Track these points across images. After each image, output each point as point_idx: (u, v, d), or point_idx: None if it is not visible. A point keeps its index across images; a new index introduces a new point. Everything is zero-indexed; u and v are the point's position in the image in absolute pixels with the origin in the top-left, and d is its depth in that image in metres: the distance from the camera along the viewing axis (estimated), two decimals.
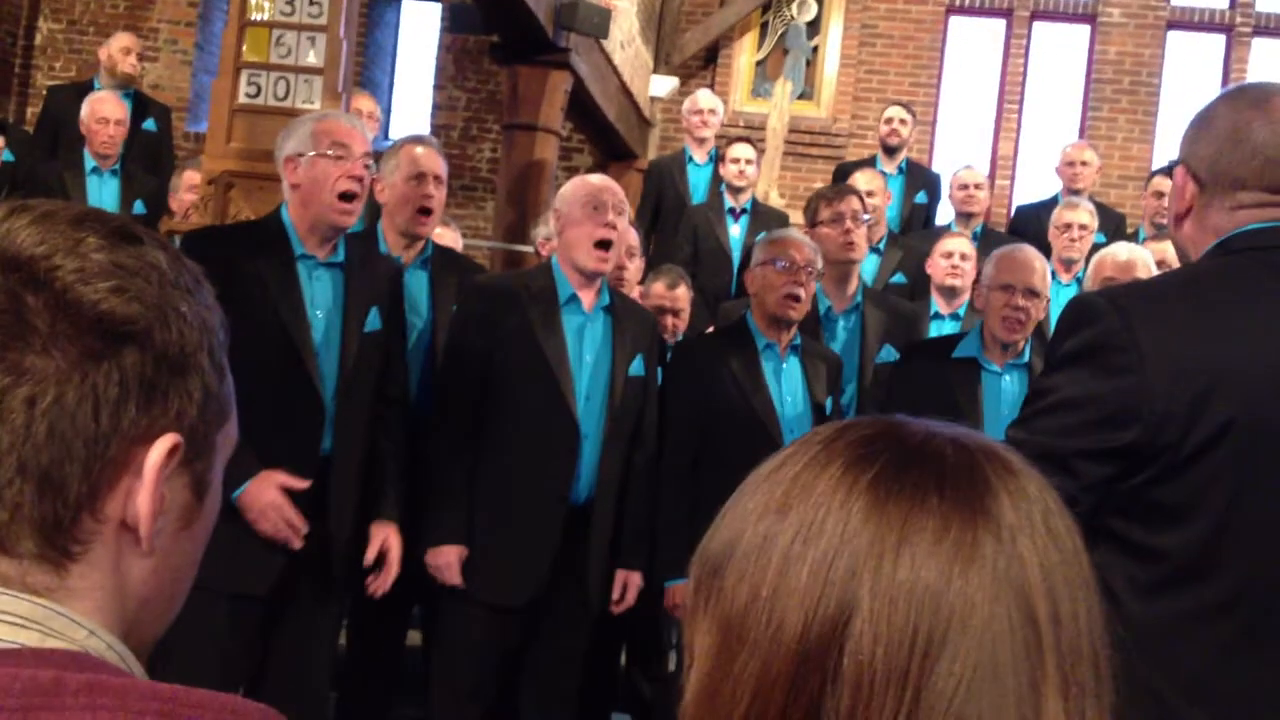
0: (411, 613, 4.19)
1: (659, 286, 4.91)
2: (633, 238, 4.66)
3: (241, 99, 4.73)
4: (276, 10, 4.75)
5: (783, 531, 0.79)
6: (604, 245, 3.61)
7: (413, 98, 11.10)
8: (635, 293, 4.98)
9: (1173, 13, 9.83)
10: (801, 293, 3.87)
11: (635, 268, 4.78)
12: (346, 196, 3.33)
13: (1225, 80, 9.74)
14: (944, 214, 7.28)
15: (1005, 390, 3.90)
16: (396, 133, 10.46)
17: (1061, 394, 1.84)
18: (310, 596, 3.38)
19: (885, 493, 0.78)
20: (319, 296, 3.38)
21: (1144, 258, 4.22)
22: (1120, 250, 4.33)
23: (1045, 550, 0.77)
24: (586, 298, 3.66)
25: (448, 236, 4.87)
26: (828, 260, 4.38)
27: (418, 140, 4.04)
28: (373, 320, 3.46)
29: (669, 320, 4.82)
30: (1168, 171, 1.74)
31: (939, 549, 0.76)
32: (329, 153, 3.33)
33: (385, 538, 3.46)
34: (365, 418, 3.45)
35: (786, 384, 3.91)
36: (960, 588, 0.75)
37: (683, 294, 4.94)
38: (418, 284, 3.92)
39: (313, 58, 4.69)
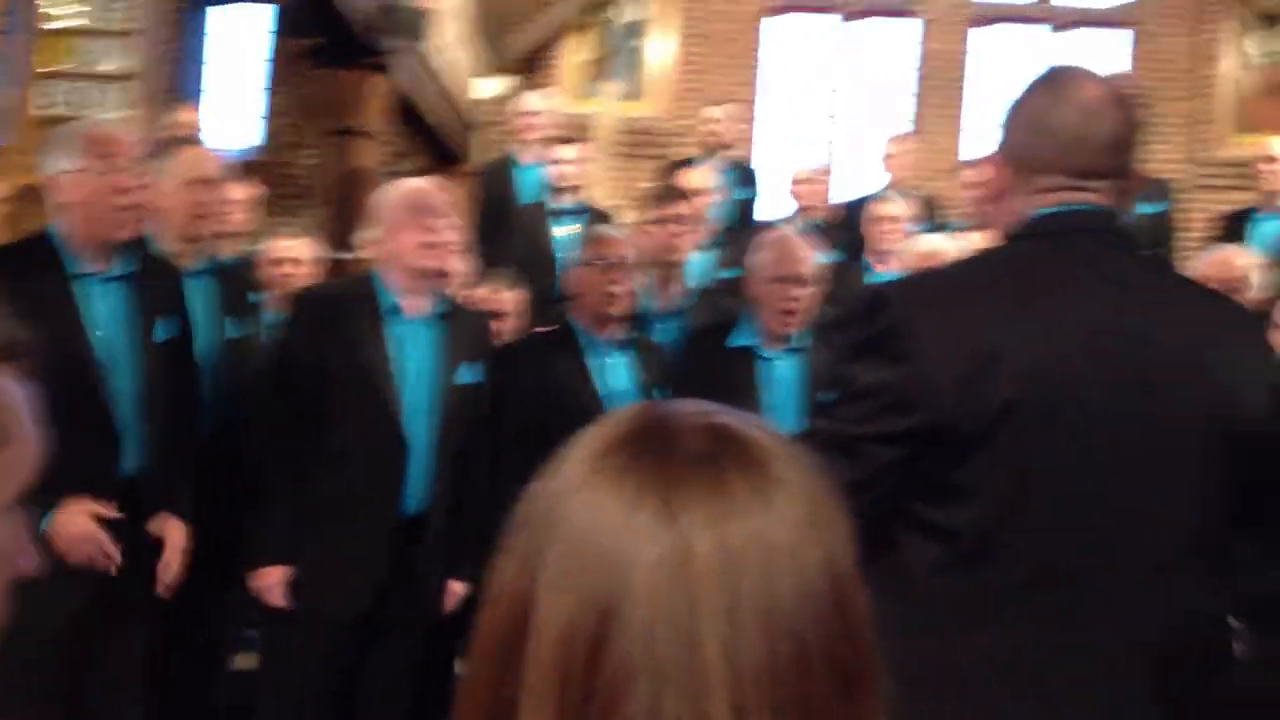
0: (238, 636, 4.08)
1: (484, 291, 4.87)
2: (459, 241, 4.62)
3: (35, 110, 4.55)
4: (75, 17, 4.58)
5: (531, 514, 0.81)
6: (430, 248, 3.55)
7: (239, 104, 10.80)
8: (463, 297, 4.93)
9: (983, 8, 10.13)
10: (618, 290, 3.88)
11: (462, 271, 4.73)
12: (121, 207, 3.20)
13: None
14: (769, 210, 7.38)
15: (780, 377, 3.96)
16: (219, 141, 10.17)
17: (855, 383, 1.89)
18: (120, 622, 3.28)
19: (605, 473, 0.79)
20: (102, 313, 3.25)
21: (950, 247, 4.35)
22: (923, 242, 4.47)
23: (756, 542, 0.76)
24: (412, 304, 3.59)
25: (301, 249, 4.79)
26: (653, 261, 4.41)
27: (192, 143, 3.93)
28: (164, 330, 3.36)
29: (494, 324, 4.77)
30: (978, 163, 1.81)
31: (627, 523, 0.76)
32: (97, 164, 3.19)
33: (169, 532, 3.38)
34: (174, 432, 3.35)
35: (614, 379, 3.91)
36: (629, 560, 0.75)
37: (509, 297, 4.90)
38: (196, 292, 3.81)
39: (114, 64, 4.53)
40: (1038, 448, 1.78)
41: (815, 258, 4.07)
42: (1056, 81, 1.96)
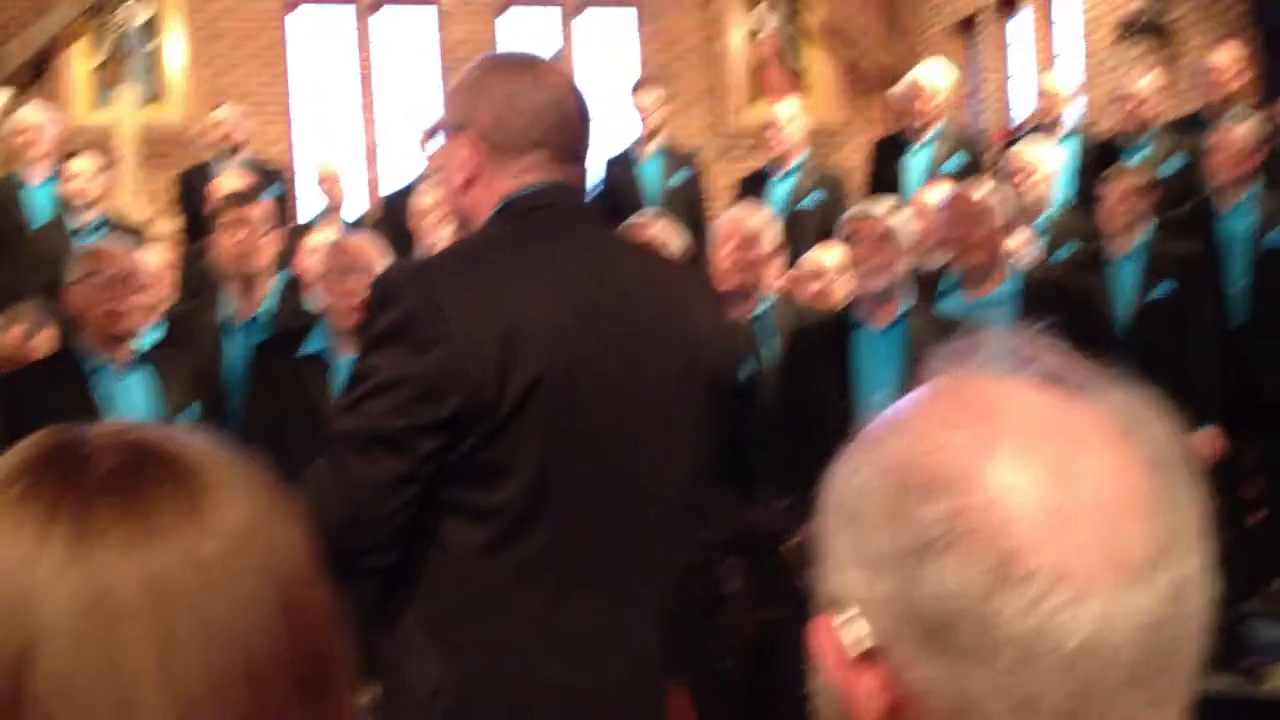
0: None
1: (15, 334, 4.48)
2: None
3: None
4: None
5: None
6: None
7: None
8: None
9: None
10: (123, 306, 3.64)
11: None
12: None
13: (565, 53, 10.40)
14: (309, 209, 7.24)
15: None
16: None
17: (382, 375, 1.84)
18: None
19: (6, 505, 0.72)
20: None
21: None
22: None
23: (185, 562, 0.72)
24: None
25: None
26: (233, 271, 4.32)
27: None
28: None
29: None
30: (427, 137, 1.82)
31: (37, 557, 0.70)
32: None
33: None
34: None
35: (130, 401, 3.65)
36: (40, 597, 0.69)
37: (16, 334, 4.53)
38: None
39: None
40: (557, 420, 1.83)
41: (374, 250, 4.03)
42: (523, 65, 2.03)
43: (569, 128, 1.99)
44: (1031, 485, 0.72)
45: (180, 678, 0.69)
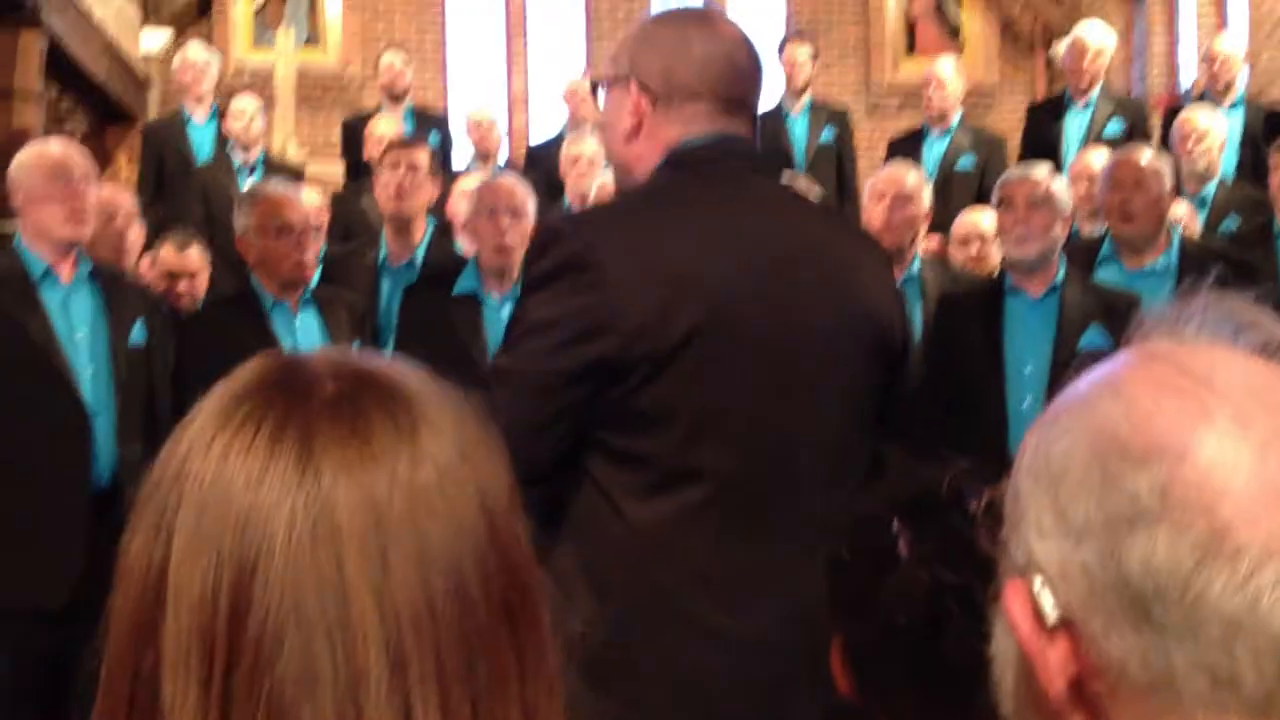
0: None
1: (167, 250, 4.63)
2: (124, 202, 4.38)
3: None
4: None
5: (160, 477, 0.77)
6: (72, 216, 3.40)
7: None
8: (142, 263, 4.69)
9: None
10: (309, 256, 3.76)
11: (135, 235, 4.49)
12: None
13: (712, 4, 10.32)
14: (460, 157, 7.31)
15: (505, 321, 3.97)
16: None
17: (535, 316, 1.87)
18: None
19: (236, 424, 0.76)
20: None
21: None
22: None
23: (402, 486, 0.75)
24: (64, 271, 3.44)
25: None
26: (391, 213, 4.41)
27: None
28: None
29: (184, 285, 4.55)
30: (593, 90, 1.82)
31: (263, 475, 0.73)
32: None
33: None
34: None
35: (304, 339, 3.79)
36: (266, 513, 0.72)
37: (195, 255, 4.68)
38: None
39: None
40: (719, 368, 1.84)
41: (529, 193, 4.08)
42: (695, 16, 2.03)
43: (738, 78, 1.97)
44: (1245, 459, 0.70)
45: (394, 596, 0.73)
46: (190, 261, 4.64)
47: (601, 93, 2.06)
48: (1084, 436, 0.75)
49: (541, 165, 6.54)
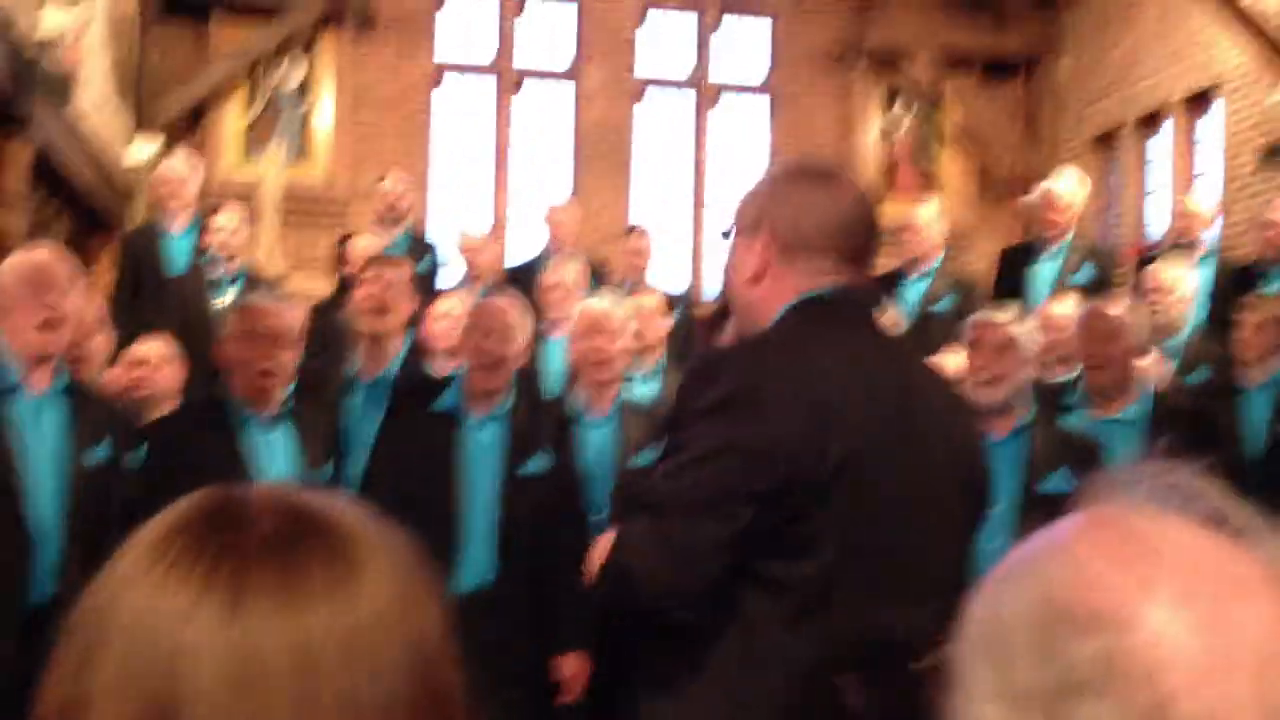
0: None
1: (134, 346, 4.64)
2: (91, 309, 4.37)
3: None
4: None
5: (87, 612, 0.75)
6: (49, 326, 3.37)
7: None
8: (111, 370, 4.67)
9: (645, 75, 10.48)
10: (272, 364, 3.73)
11: (101, 343, 4.48)
12: None
13: (698, 137, 10.52)
14: (449, 277, 7.34)
15: (484, 442, 3.95)
16: None
17: (709, 443, 1.95)
18: None
19: (167, 561, 0.74)
20: None
21: (617, 310, 4.49)
22: (595, 303, 4.60)
23: (334, 631, 0.73)
24: (37, 382, 3.39)
25: None
26: (366, 328, 4.41)
27: None
28: None
29: (144, 371, 4.57)
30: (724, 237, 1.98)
31: (192, 612, 0.71)
32: None
33: None
34: None
35: (272, 456, 3.74)
36: (193, 653, 0.70)
37: (159, 347, 4.69)
38: None
39: None
40: (863, 501, 1.94)
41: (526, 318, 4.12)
42: (821, 174, 2.20)
43: (858, 235, 2.12)
44: (1189, 631, 0.70)
45: None
46: (153, 350, 4.63)
47: (729, 239, 2.20)
48: (1030, 600, 0.74)
49: (519, 286, 6.57)
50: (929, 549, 2.02)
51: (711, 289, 9.02)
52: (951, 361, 5.00)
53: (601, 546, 2.05)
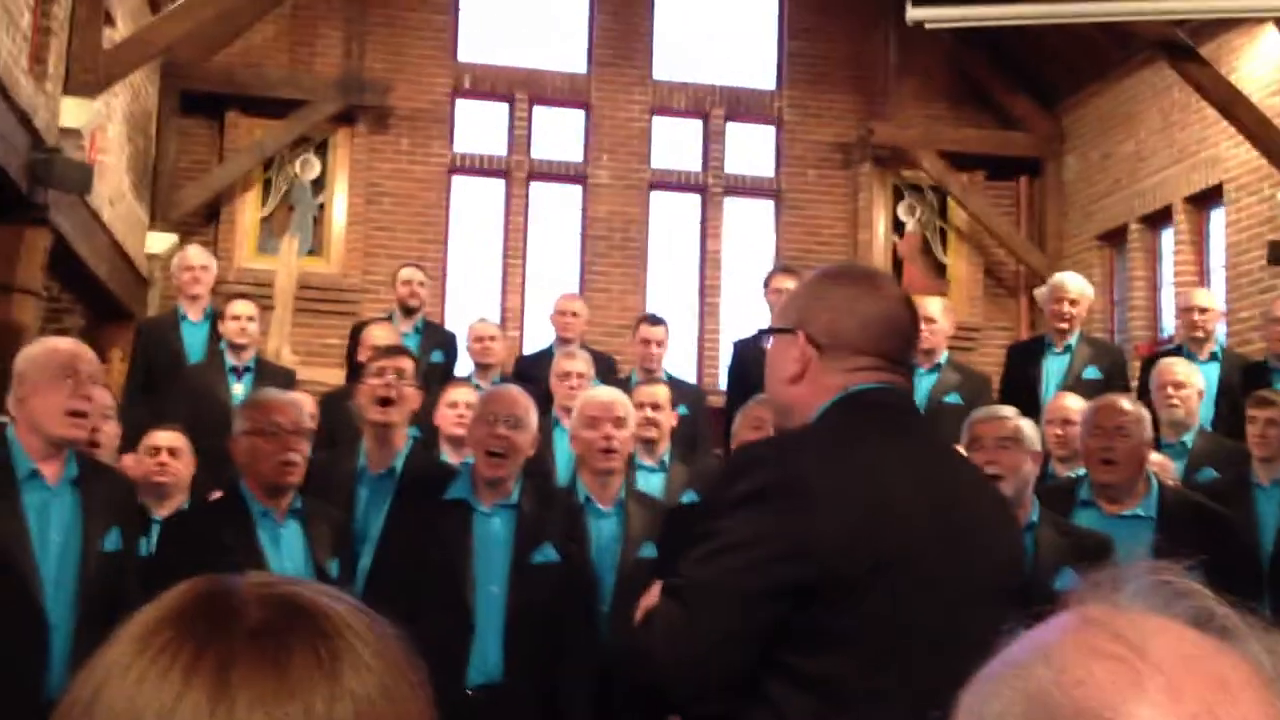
0: None
1: (152, 433, 4.66)
2: (108, 401, 4.40)
3: None
4: None
5: (73, 703, 0.74)
6: (75, 414, 3.37)
7: None
8: (124, 460, 4.69)
9: (653, 175, 10.62)
10: (295, 457, 3.73)
11: (111, 432, 4.50)
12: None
13: (704, 235, 10.61)
14: (462, 369, 7.38)
15: (494, 531, 3.95)
16: None
17: (736, 534, 1.94)
18: None
19: (153, 652, 0.74)
20: None
21: (621, 399, 4.52)
22: (601, 392, 4.63)
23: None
24: (50, 471, 3.39)
25: None
26: (370, 420, 4.40)
27: None
28: None
29: (163, 457, 4.59)
30: (758, 338, 2.02)
31: (176, 705, 0.72)
32: None
33: None
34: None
35: (286, 550, 3.74)
36: None
37: (177, 436, 4.69)
38: None
39: None
40: (903, 598, 1.92)
41: (531, 405, 4.12)
42: (862, 276, 2.24)
43: (897, 337, 2.14)
44: None
45: None
46: (171, 439, 4.65)
47: (768, 340, 2.22)
48: (1016, 700, 0.75)
49: (529, 376, 6.61)
50: (962, 653, 1.99)
51: (717, 383, 9.04)
52: None
53: (645, 603, 2.04)
